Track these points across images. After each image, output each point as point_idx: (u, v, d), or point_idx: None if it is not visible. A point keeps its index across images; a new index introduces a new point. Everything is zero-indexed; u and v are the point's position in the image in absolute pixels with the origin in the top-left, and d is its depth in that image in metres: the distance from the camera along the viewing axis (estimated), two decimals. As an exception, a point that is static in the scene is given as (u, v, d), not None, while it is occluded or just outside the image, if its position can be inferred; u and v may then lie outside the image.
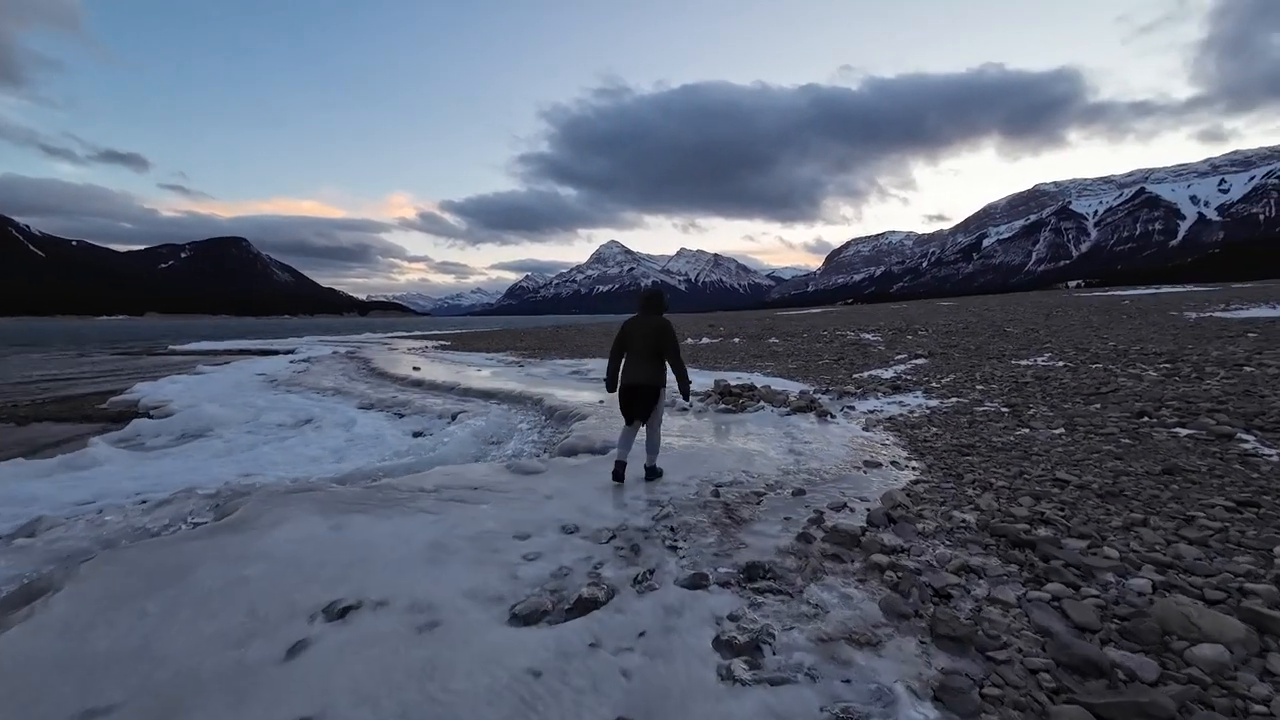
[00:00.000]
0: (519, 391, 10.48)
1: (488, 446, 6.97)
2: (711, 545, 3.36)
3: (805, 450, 5.59)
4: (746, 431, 6.56)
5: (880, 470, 4.87)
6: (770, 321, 32.74)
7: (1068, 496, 3.92)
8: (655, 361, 4.55)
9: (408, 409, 10.26)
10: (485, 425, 7.75)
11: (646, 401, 4.56)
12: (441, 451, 6.23)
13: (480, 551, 3.29)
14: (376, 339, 38.02)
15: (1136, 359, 10.02)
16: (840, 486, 4.45)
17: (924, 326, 20.32)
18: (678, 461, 5.21)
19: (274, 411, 10.32)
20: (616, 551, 3.31)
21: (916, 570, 2.93)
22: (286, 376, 16.22)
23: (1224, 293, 31.76)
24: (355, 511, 3.93)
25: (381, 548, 3.33)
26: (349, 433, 8.35)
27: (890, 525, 3.56)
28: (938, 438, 5.91)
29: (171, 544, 3.41)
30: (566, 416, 8.14)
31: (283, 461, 6.60)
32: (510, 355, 20.37)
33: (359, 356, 22.05)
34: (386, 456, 6.35)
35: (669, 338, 4.56)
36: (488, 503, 4.13)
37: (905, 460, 5.16)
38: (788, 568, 3.03)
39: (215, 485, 5.21)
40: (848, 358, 13.82)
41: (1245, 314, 17.04)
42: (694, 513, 3.90)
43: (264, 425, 9.22)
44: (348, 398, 11.93)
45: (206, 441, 8.04)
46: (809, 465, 5.06)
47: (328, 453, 7.12)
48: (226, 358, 25.47)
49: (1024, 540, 3.19)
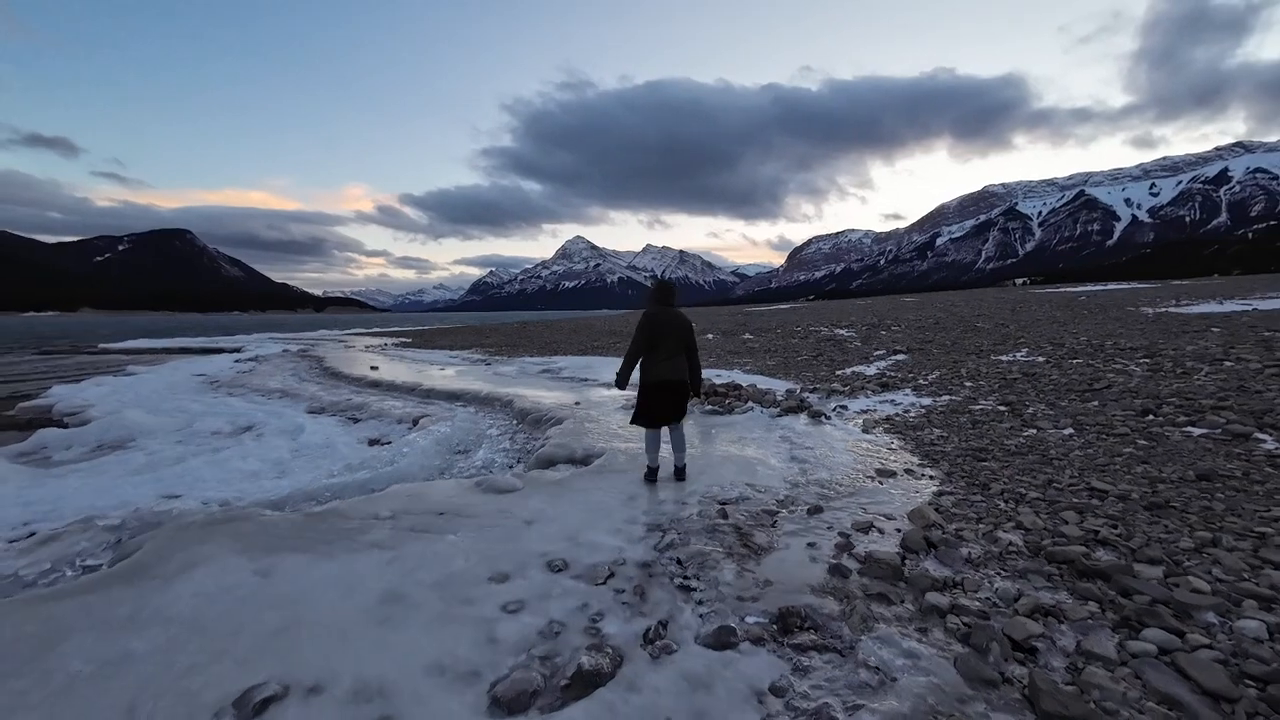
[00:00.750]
0: (487, 392, 9.72)
1: (454, 457, 6.24)
2: (730, 583, 2.80)
3: (808, 457, 5.10)
4: (739, 436, 6.04)
5: (896, 480, 4.41)
6: (743, 317, 32.56)
7: (1112, 509, 3.53)
8: (683, 357, 4.33)
9: (364, 413, 9.38)
10: (450, 431, 7.01)
11: (682, 399, 4.32)
12: (401, 465, 5.48)
13: (447, 603, 2.64)
14: (332, 336, 36.14)
15: (1115, 354, 10.00)
16: (858, 501, 3.96)
17: (895, 322, 20.36)
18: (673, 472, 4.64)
19: (210, 417, 9.28)
20: (617, 596, 2.71)
21: (982, 613, 2.44)
22: (229, 377, 14.93)
23: (1167, 289, 33.29)
24: (290, 549, 3.21)
25: (320, 602, 2.64)
26: (295, 442, 7.46)
27: (931, 551, 3.07)
28: (945, 440, 5.52)
29: (38, 603, 2.63)
30: (540, 420, 7.47)
31: (213, 479, 5.72)
32: (476, 353, 19.42)
33: (312, 355, 20.67)
34: (336, 471, 5.56)
35: (693, 332, 4.42)
36: (456, 532, 3.46)
37: (919, 467, 4.72)
38: (829, 613, 2.49)
39: (123, 512, 4.35)
40: (826, 354, 13.54)
41: (1198, 309, 17.62)
42: (702, 538, 3.33)
43: (197, 434, 8.21)
44: (296, 401, 10.91)
45: (125, 455, 7.02)
46: (817, 475, 4.57)
47: (268, 466, 6.26)
48: (165, 357, 23.59)
49: (1091, 569, 2.74)
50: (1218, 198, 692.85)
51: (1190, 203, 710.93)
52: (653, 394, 4.24)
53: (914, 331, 16.99)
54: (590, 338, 23.49)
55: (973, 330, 16.13)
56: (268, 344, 29.08)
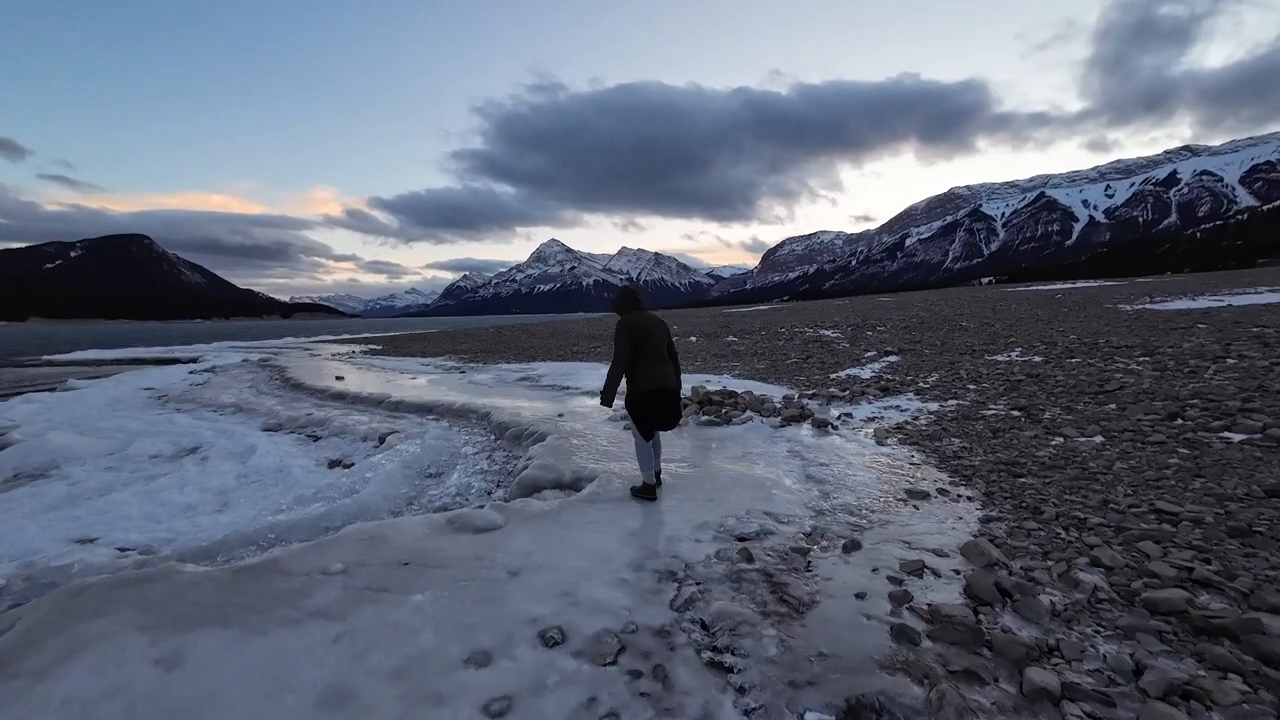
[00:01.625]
0: (461, 404, 8.99)
1: (424, 482, 5.54)
2: (775, 658, 2.22)
3: (825, 476, 4.57)
4: (744, 451, 5.49)
5: (931, 503, 3.90)
6: (724, 319, 32.19)
7: (1192, 537, 3.06)
8: (668, 361, 4.14)
9: (325, 429, 8.56)
10: (420, 452, 6.29)
11: (678, 403, 4.16)
12: (363, 495, 4.76)
13: (409, 702, 2.00)
14: (298, 344, 34.59)
15: (1111, 353, 9.78)
16: (895, 531, 3.43)
17: (880, 322, 20.16)
18: (679, 500, 4.05)
19: (150, 438, 8.36)
20: (632, 683, 2.10)
21: (1105, 698, 1.90)
22: (180, 391, 13.82)
23: (1134, 287, 34.11)
24: (210, 622, 2.52)
25: (237, 708, 1.97)
26: (244, 465, 6.65)
27: (1007, 601, 2.54)
28: (970, 452, 5.06)
29: None
30: (520, 435, 6.81)
31: (140, 515, 4.92)
32: (449, 360, 18.54)
33: (273, 365, 19.50)
34: (286, 504, 4.82)
35: (670, 334, 4.27)
36: (424, 590, 2.81)
37: (951, 486, 4.23)
38: (910, 704, 1.93)
39: (14, 568, 3.56)
40: (815, 356, 13.14)
41: (1173, 306, 17.81)
42: (727, 591, 2.75)
43: (132, 458, 7.31)
44: (251, 416, 10.00)
45: (42, 486, 6.13)
46: (841, 499, 4.03)
47: (208, 498, 5.47)
48: (115, 368, 22.10)
49: (1211, 625, 2.25)
50: (1168, 199, 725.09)
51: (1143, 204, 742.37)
52: (649, 402, 4.00)
53: (900, 331, 16.76)
54: (569, 342, 22.79)
55: (959, 330, 15.96)
56: (227, 353, 27.58)
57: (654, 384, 3.95)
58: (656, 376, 3.96)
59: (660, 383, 3.98)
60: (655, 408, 4.00)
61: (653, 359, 3.99)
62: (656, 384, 3.96)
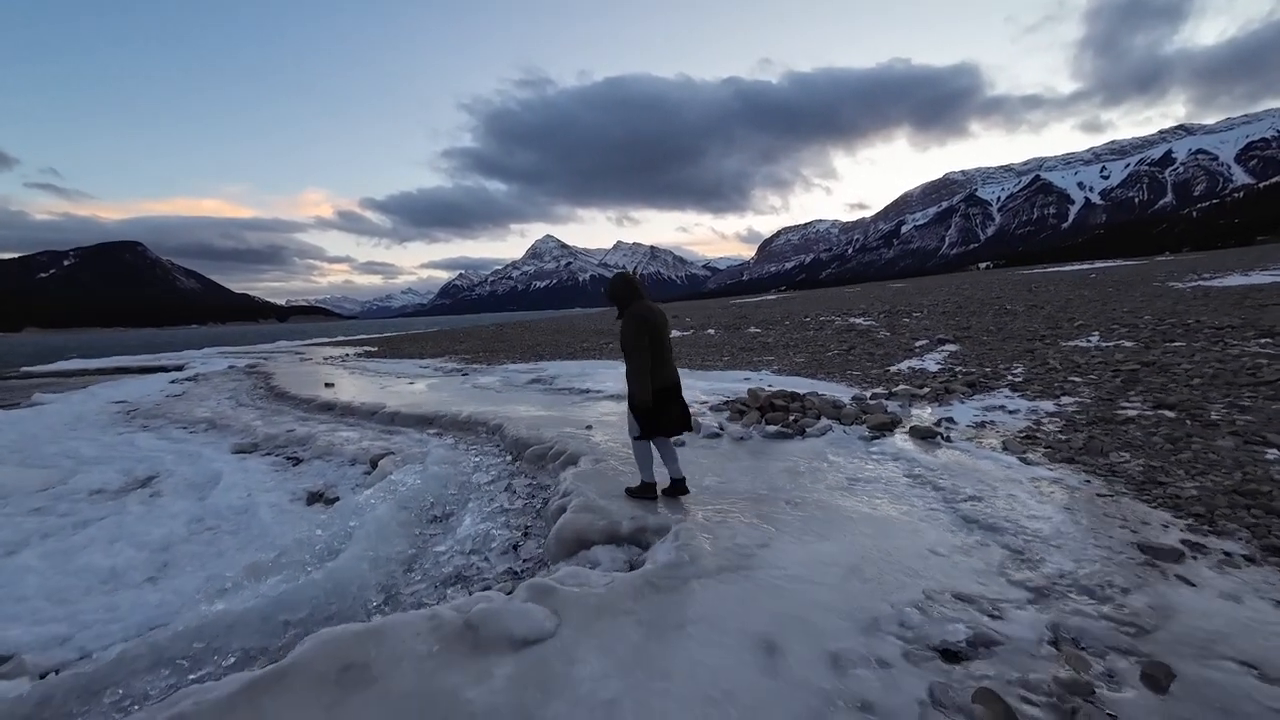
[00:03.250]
0: (467, 414, 7.64)
1: (427, 530, 4.20)
2: None
3: (991, 519, 3.24)
4: (846, 477, 4.16)
5: (1195, 570, 2.58)
6: (739, 310, 30.76)
7: None
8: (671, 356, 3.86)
9: (308, 449, 7.23)
10: (422, 483, 4.95)
11: (685, 403, 3.87)
12: (342, 560, 3.42)
13: None
14: (290, 348, 33.13)
15: (1217, 335, 8.47)
16: (1187, 629, 2.11)
17: (912, 308, 18.80)
18: (804, 569, 2.71)
19: (100, 466, 7.03)
20: None
21: None
22: (153, 403, 12.47)
23: (1171, 263, 32.79)
24: None
25: None
26: (201, 504, 5.33)
27: None
28: (1163, 473, 3.74)
29: None
30: (544, 456, 5.47)
31: (37, 594, 3.58)
32: (450, 361, 17.15)
33: (260, 371, 18.13)
34: (235, 577, 3.47)
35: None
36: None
37: (1193, 534, 2.91)
38: None
39: None
40: (859, 347, 11.80)
41: (1231, 282, 16.51)
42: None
43: (69, 494, 5.97)
44: (224, 434, 8.66)
45: (-61, 541, 4.79)
46: (1051, 564, 2.70)
47: (143, 558, 4.12)
48: (95, 379, 20.67)
49: None
50: (1163, 179, 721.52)
51: (1138, 184, 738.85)
52: (660, 401, 3.69)
53: (940, 317, 15.42)
54: (576, 339, 21.43)
55: (1006, 314, 14.63)
56: (215, 360, 26.14)
57: (664, 381, 3.72)
58: (668, 373, 3.76)
59: (669, 380, 3.78)
60: (666, 407, 3.74)
61: (663, 355, 3.74)
62: (667, 381, 3.74)
